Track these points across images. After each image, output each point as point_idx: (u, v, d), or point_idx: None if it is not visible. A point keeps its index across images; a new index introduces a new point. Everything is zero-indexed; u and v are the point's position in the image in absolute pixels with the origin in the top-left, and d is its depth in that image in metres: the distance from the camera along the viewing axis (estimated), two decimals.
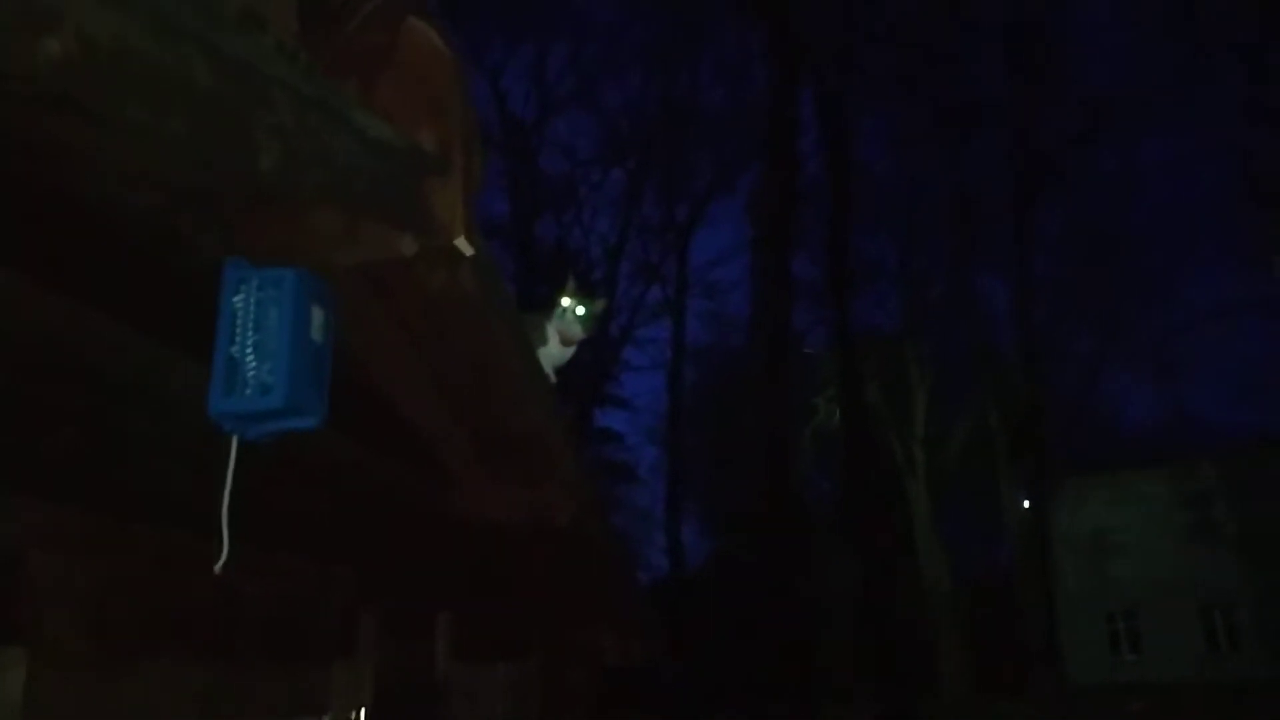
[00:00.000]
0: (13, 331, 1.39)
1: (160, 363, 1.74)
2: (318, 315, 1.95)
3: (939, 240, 19.93)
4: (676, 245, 20.02)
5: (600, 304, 2.91)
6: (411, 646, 2.55)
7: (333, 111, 1.56)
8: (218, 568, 1.80)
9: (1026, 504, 21.81)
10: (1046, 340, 19.86)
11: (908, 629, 17.94)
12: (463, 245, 1.93)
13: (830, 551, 19.17)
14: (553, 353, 2.74)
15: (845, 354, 15.76)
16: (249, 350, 1.87)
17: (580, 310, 2.77)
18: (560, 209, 20.62)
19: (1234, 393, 31.54)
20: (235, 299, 1.90)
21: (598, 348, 19.90)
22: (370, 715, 2.23)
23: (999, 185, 19.53)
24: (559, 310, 2.77)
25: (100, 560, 1.52)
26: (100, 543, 1.53)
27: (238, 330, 1.87)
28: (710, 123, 19.31)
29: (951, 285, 20.17)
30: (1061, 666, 15.06)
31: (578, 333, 2.78)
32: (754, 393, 15.11)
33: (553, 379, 2.71)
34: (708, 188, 19.60)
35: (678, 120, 19.51)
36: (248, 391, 1.85)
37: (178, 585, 1.70)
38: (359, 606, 2.25)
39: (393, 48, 1.89)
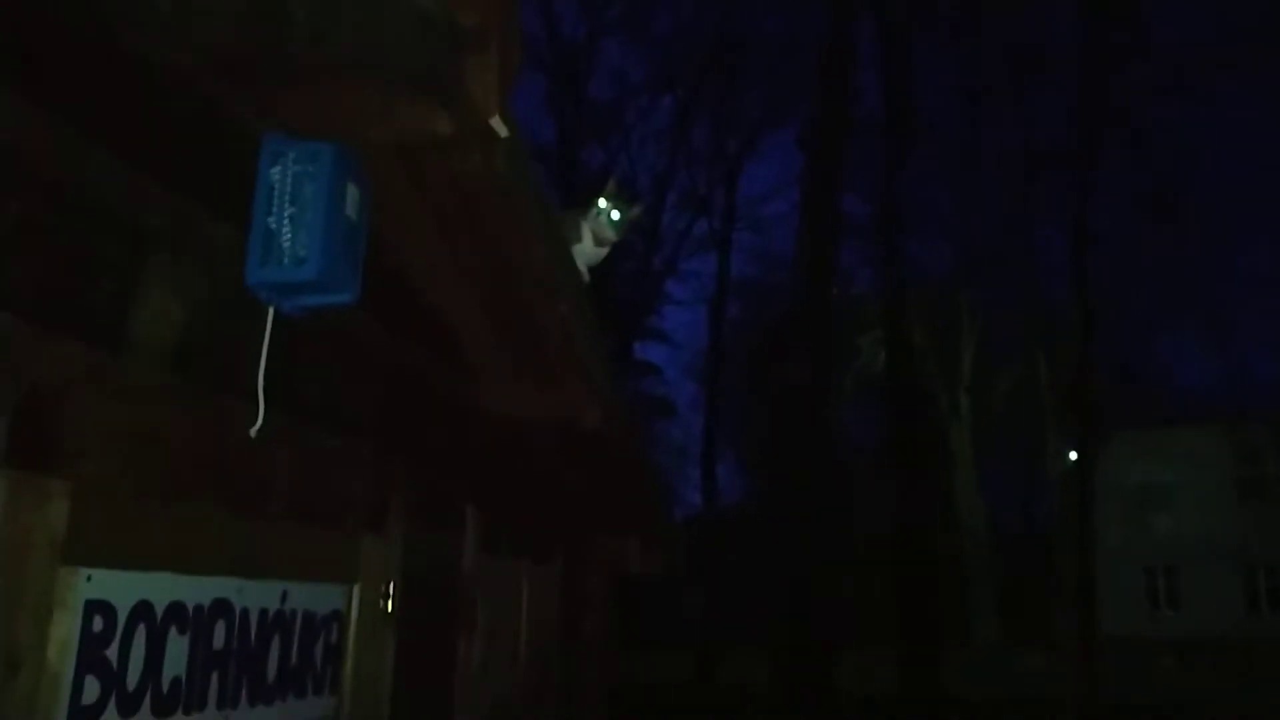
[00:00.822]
0: (53, 177, 1.43)
1: (200, 225, 1.78)
2: (353, 192, 1.98)
3: (998, 187, 19.43)
4: (725, 177, 19.79)
5: (637, 209, 2.91)
6: (440, 532, 2.62)
7: None
8: (253, 431, 1.87)
9: (1073, 456, 21.56)
10: (1103, 294, 19.40)
11: (942, 577, 17.99)
12: (498, 126, 1.93)
13: (868, 495, 19.20)
14: (586, 250, 2.75)
15: (893, 295, 15.54)
16: (285, 223, 1.90)
17: (615, 214, 2.77)
18: (607, 136, 20.44)
19: None
20: (273, 171, 1.93)
21: (639, 281, 19.88)
22: (399, 590, 2.31)
23: (1065, 135, 18.92)
24: (595, 210, 2.78)
25: (139, 407, 1.58)
26: (140, 390, 1.59)
27: (274, 202, 1.91)
28: (765, 52, 18.85)
29: (1008, 234, 19.72)
30: (1095, 618, 15.00)
31: (611, 235, 2.79)
32: (797, 330, 15.00)
33: (585, 276, 2.73)
34: (759, 119, 19.25)
35: (731, 48, 19.10)
36: (284, 262, 1.89)
37: (214, 441, 1.76)
38: (388, 486, 2.32)
39: None
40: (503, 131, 1.94)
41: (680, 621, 18.24)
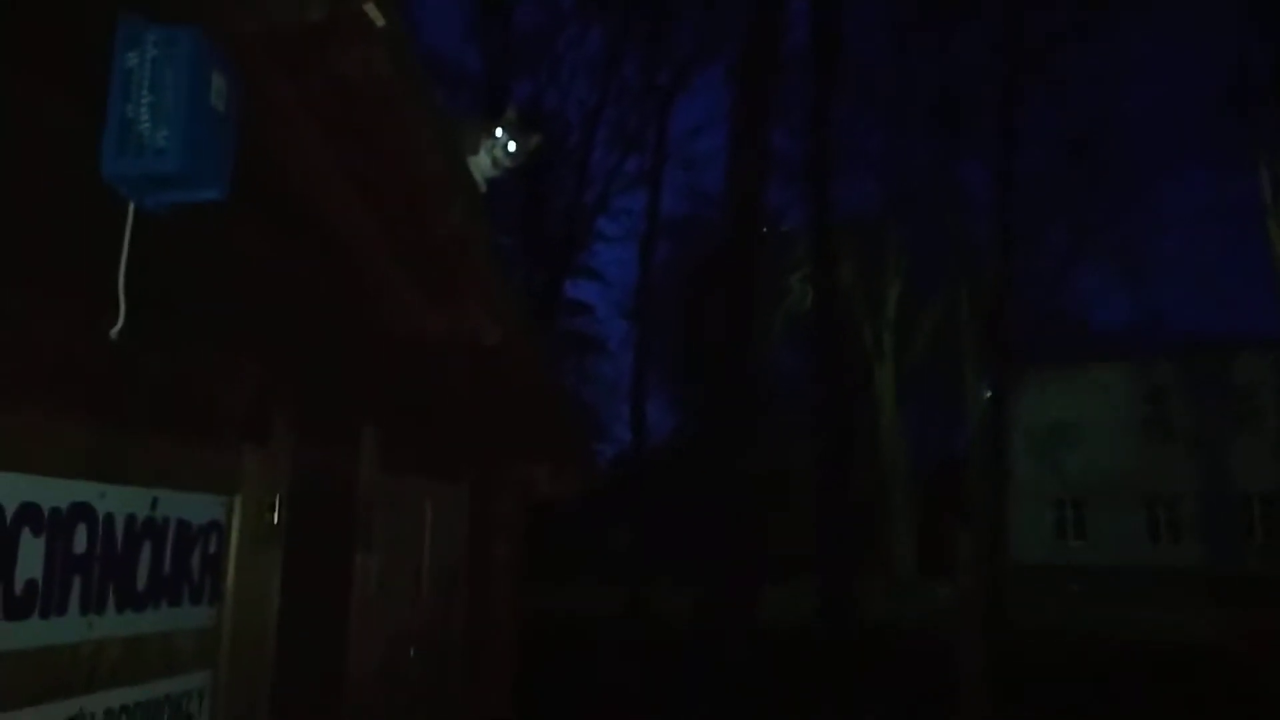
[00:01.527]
0: None
1: (51, 115, 1.67)
2: (218, 81, 1.87)
3: (924, 128, 19.59)
4: (657, 112, 19.52)
5: (535, 140, 2.86)
6: (335, 449, 2.56)
7: None
8: (113, 333, 1.79)
9: (989, 394, 22.19)
10: (1022, 233, 19.84)
11: (863, 512, 18.49)
12: (372, 13, 1.84)
13: (794, 432, 19.54)
14: (483, 164, 2.69)
15: (821, 233, 15.66)
16: (144, 111, 1.80)
17: (511, 145, 2.73)
18: (537, 67, 19.96)
19: (1199, 296, 31.80)
20: (129, 55, 1.82)
21: (570, 217, 19.65)
22: (286, 505, 2.26)
23: (987, 77, 19.08)
24: (492, 140, 2.72)
25: None
26: None
27: (131, 90, 1.80)
28: None
29: (933, 173, 19.95)
30: (1004, 545, 15.64)
31: (506, 163, 2.74)
32: (724, 267, 15.04)
33: (482, 188, 2.66)
34: (691, 52, 18.97)
35: None
36: (142, 153, 1.80)
37: (70, 344, 1.67)
38: (272, 399, 2.25)
39: None
40: (379, 20, 1.85)
41: (610, 556, 18.47)
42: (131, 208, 1.83)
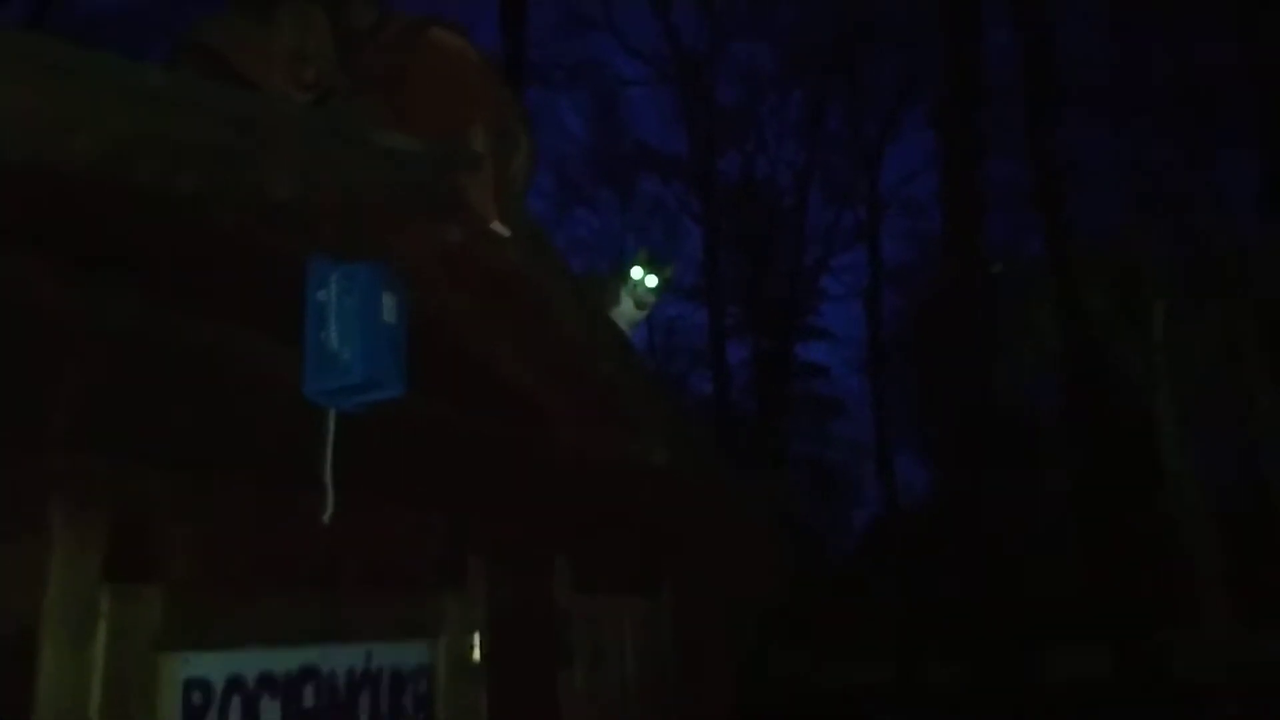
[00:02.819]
0: (133, 336, 1.77)
1: (263, 352, 2.11)
2: (388, 299, 2.26)
3: (1165, 125, 18.03)
4: (867, 164, 19.38)
5: (668, 270, 3.09)
6: (527, 579, 2.87)
7: (346, 137, 1.82)
8: (325, 518, 2.19)
9: None
10: None
11: (1151, 555, 16.83)
12: (498, 229, 2.17)
13: (1061, 479, 18.22)
14: (626, 313, 2.96)
15: (1059, 258, 14.83)
16: (332, 336, 2.21)
17: (651, 281, 2.98)
18: (742, 139, 20.48)
19: None
20: (319, 294, 2.24)
21: (792, 281, 19.76)
22: (487, 640, 2.58)
23: (1238, 66, 17.31)
24: (631, 282, 2.98)
25: (220, 513, 1.91)
26: (219, 499, 1.92)
27: (322, 320, 2.22)
28: (891, 28, 18.36)
29: (1182, 177, 18.26)
30: None
31: (650, 298, 2.99)
32: (956, 311, 14.55)
33: (629, 333, 2.93)
34: (895, 99, 18.75)
35: (857, 28, 18.74)
36: (334, 371, 2.20)
37: (290, 533, 2.08)
38: (466, 545, 2.59)
39: (419, 59, 2.13)
40: (505, 233, 2.18)
41: (873, 622, 17.93)
42: (332, 412, 2.24)
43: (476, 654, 2.52)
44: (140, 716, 1.70)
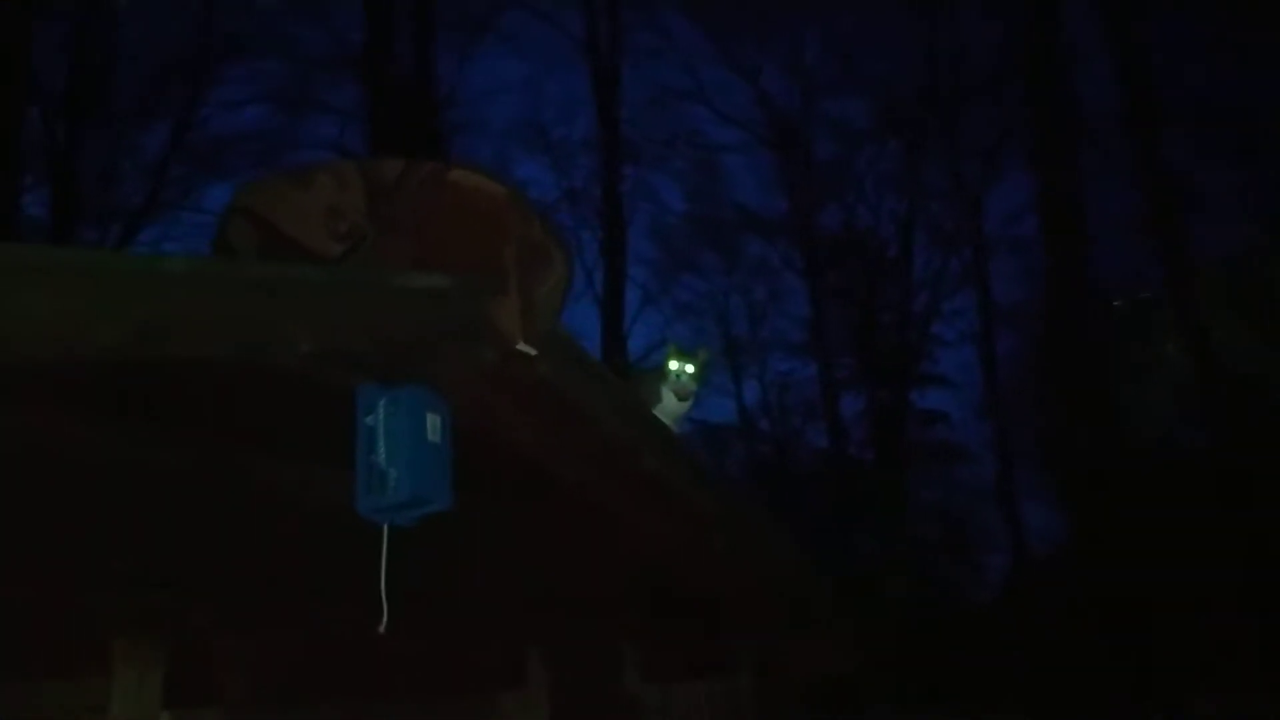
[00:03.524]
0: (190, 476, 1.98)
1: (316, 476, 2.30)
2: (432, 419, 2.43)
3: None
4: (969, 207, 19.00)
5: (704, 354, 3.17)
6: (592, 672, 2.96)
7: (373, 284, 2.01)
8: (381, 628, 2.34)
9: None
10: None
11: None
12: (525, 349, 2.32)
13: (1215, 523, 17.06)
14: (669, 407, 3.05)
15: (1179, 286, 14.16)
16: (381, 457, 2.39)
17: (688, 368, 3.07)
18: (842, 193, 20.41)
19: None
20: (368, 418, 2.44)
21: (902, 330, 19.42)
22: None
23: None
24: (670, 374, 3.08)
25: (277, 633, 2.09)
26: (276, 620, 2.10)
27: (371, 443, 2.41)
28: (985, 65, 18.12)
29: None
30: None
31: (691, 388, 3.08)
32: (1075, 349, 14.02)
33: (676, 426, 3.02)
34: (993, 139, 18.39)
35: (950, 72, 18.59)
36: (384, 490, 2.38)
37: (346, 646, 2.24)
38: (525, 644, 2.71)
39: (443, 200, 2.32)
40: (531, 352, 2.33)
41: (1005, 678, 17.03)
42: (385, 528, 2.41)
43: None
44: None
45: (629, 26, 19.11)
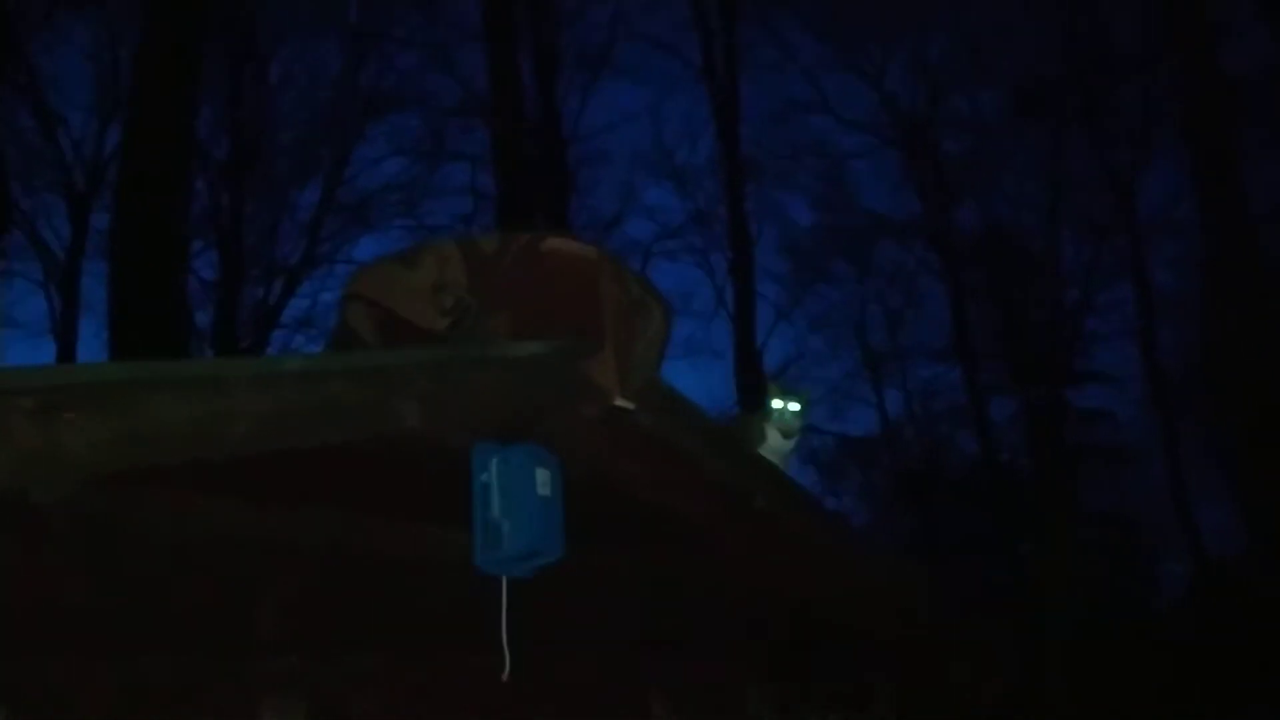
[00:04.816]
0: (325, 547, 2.17)
1: (436, 536, 2.46)
2: (542, 474, 2.56)
3: None
4: (1120, 193, 17.96)
5: (806, 393, 3.19)
6: (714, 713, 3.01)
7: (475, 359, 2.15)
8: (504, 676, 2.47)
9: None
10: None
11: None
12: (623, 404, 2.42)
13: None
14: (774, 446, 3.08)
15: None
16: (495, 513, 2.53)
17: (794, 406, 3.10)
18: (977, 189, 19.71)
19: None
20: (482, 476, 2.59)
21: (1053, 329, 18.54)
22: None
23: None
24: (775, 412, 3.11)
25: (409, 686, 2.25)
26: (407, 674, 2.26)
27: (486, 500, 2.55)
28: (1128, 43, 17.13)
29: None
30: None
31: (795, 425, 3.10)
32: (1249, 336, 13.03)
33: (783, 464, 3.05)
34: (1141, 120, 17.34)
35: (1089, 54, 17.68)
36: (500, 544, 2.52)
37: (473, 694, 2.38)
38: (647, 687, 2.79)
39: (540, 269, 2.45)
40: (630, 407, 2.43)
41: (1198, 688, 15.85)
42: (504, 580, 2.55)
43: None
44: None
45: (747, 44, 19.16)
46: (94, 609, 1.68)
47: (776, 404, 3.14)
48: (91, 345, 15.20)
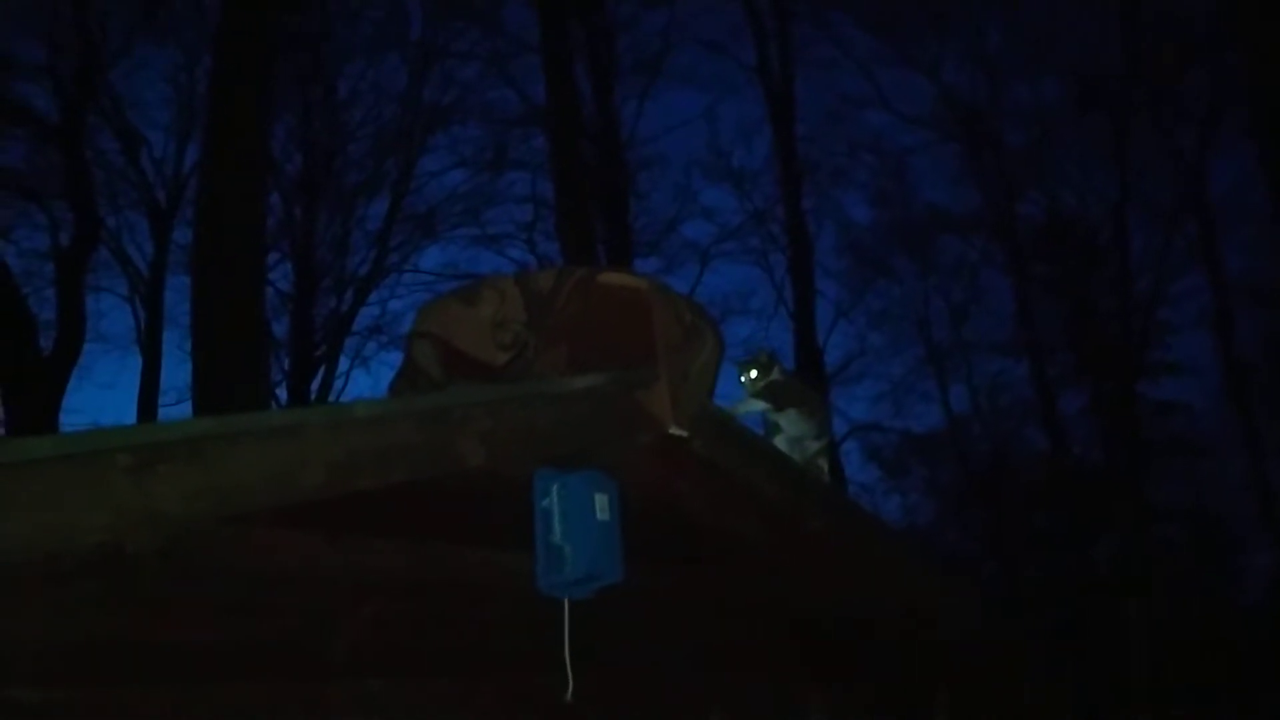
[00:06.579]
0: (396, 577, 2.28)
1: (499, 561, 2.56)
2: (600, 500, 2.65)
3: None
4: (1190, 178, 17.45)
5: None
6: None
7: (533, 395, 2.25)
8: (568, 696, 2.56)
9: None
10: None
11: None
12: (676, 432, 2.50)
13: None
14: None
15: None
16: (556, 537, 2.63)
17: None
18: (1041, 179, 19.34)
19: None
20: (544, 502, 2.69)
21: (1123, 319, 18.08)
22: None
23: None
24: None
25: (476, 707, 2.35)
26: (475, 695, 2.36)
27: (547, 524, 2.65)
28: (1193, 28, 16.62)
29: None
30: None
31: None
32: None
33: (822, 473, 3.11)
34: (1209, 107, 16.82)
35: (1151, 39, 17.22)
36: (563, 568, 2.61)
37: (538, 713, 2.48)
38: (706, 704, 2.86)
39: (594, 303, 2.54)
40: (682, 434, 2.50)
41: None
42: (566, 602, 2.64)
43: None
44: None
45: (802, 42, 19.08)
46: (183, 644, 1.81)
47: (742, 379, 3.22)
48: (175, 356, 15.82)
